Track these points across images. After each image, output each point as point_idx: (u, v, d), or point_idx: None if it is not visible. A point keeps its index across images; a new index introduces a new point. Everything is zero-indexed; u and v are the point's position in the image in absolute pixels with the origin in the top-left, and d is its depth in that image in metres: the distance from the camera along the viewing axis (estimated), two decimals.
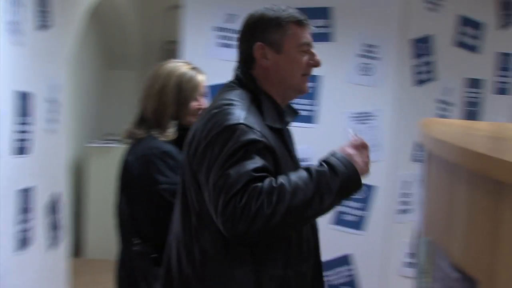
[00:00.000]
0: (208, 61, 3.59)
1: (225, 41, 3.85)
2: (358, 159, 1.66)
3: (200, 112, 2.27)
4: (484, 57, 4.33)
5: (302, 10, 3.89)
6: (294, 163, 1.86)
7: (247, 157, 1.59)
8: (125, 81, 7.07)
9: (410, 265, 3.65)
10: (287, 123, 1.98)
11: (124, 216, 2.41)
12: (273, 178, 1.59)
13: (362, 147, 1.70)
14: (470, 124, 1.90)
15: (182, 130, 2.29)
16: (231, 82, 1.90)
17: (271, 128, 1.77)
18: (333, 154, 1.67)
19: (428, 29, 3.96)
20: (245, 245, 1.66)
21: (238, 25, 2.01)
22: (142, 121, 2.44)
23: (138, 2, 7.01)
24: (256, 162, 1.59)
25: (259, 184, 1.56)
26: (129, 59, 7.13)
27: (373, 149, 1.98)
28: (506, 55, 4.48)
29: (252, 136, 1.63)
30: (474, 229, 1.22)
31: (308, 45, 1.87)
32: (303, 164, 1.92)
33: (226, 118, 1.68)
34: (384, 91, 3.80)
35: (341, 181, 1.60)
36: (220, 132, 1.65)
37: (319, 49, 1.96)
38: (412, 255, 3.57)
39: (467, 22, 4.18)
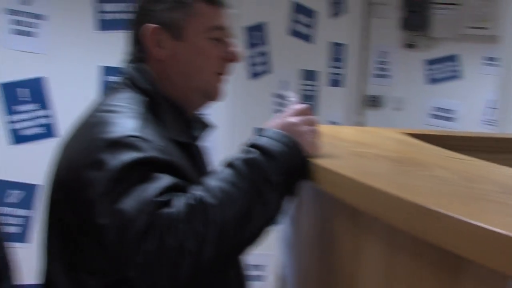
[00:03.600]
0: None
1: (21, 27, 3.14)
2: (300, 129, 1.14)
3: None
4: (317, 47, 4.09)
5: None
6: None
7: (144, 178, 1.08)
8: None
9: None
10: (195, 138, 1.46)
11: None
12: (186, 195, 1.06)
13: (304, 113, 1.18)
14: (341, 135, 1.51)
15: None
16: (117, 82, 1.38)
17: (177, 143, 1.26)
18: (261, 133, 1.15)
19: (261, 16, 3.59)
20: None
21: (36, 7, 1.38)
22: None
23: None
24: (159, 181, 1.08)
25: (169, 210, 1.04)
26: None
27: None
28: (338, 45, 4.29)
29: (149, 152, 1.12)
30: None
31: (222, 30, 1.37)
32: None
33: (110, 130, 1.16)
34: None
35: (281, 165, 1.08)
36: (101, 150, 1.13)
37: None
38: None
39: (300, 9, 3.90)
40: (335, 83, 4.32)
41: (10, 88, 3.18)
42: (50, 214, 1.32)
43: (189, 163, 1.28)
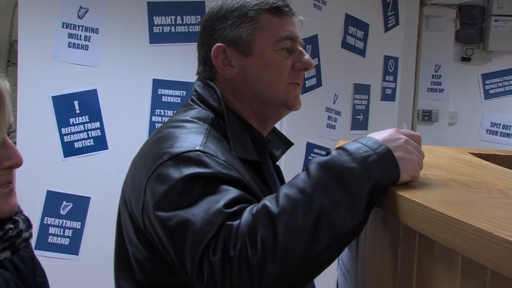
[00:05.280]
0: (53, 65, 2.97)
1: (74, 41, 3.18)
2: (402, 144, 1.00)
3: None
4: (370, 60, 4.00)
5: (175, 4, 3.49)
6: None
7: (212, 191, 1.06)
8: None
9: None
10: (272, 156, 1.47)
11: None
12: (252, 206, 1.03)
13: (413, 137, 1.04)
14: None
15: None
16: (190, 98, 1.38)
17: (243, 161, 1.23)
18: (358, 139, 1.05)
19: (313, 28, 3.53)
20: None
21: (89, 21, 1.39)
22: None
23: None
24: (228, 193, 1.06)
25: (236, 221, 1.00)
26: None
27: None
28: (391, 58, 4.20)
29: (214, 168, 1.10)
30: None
31: (292, 40, 1.32)
32: None
33: (175, 145, 1.16)
34: None
35: (363, 172, 0.96)
36: (165, 164, 1.12)
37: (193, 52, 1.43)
38: None
39: (353, 22, 3.83)
40: (387, 97, 4.22)
41: (63, 101, 3.21)
42: (118, 228, 1.33)
43: (257, 181, 1.24)
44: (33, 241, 3.40)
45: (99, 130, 3.25)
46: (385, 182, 0.97)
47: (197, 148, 1.13)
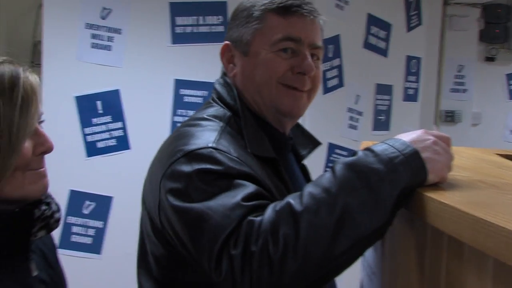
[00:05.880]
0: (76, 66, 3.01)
1: (97, 41, 3.19)
2: (430, 145, 0.98)
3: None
4: (392, 60, 3.96)
5: (194, 4, 3.50)
6: None
7: (226, 186, 1.07)
8: None
9: None
10: (298, 155, 1.48)
11: None
12: (276, 203, 1.02)
13: (441, 139, 1.02)
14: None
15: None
16: (210, 97, 1.40)
17: (258, 158, 1.23)
18: (385, 140, 1.03)
19: (335, 28, 3.51)
20: None
21: (112, 21, 1.41)
22: None
23: None
24: (245, 188, 1.07)
25: (257, 217, 1.00)
26: None
27: None
28: (413, 58, 4.15)
29: (225, 165, 1.11)
30: None
31: (295, 41, 1.29)
32: None
33: (189, 143, 1.17)
34: None
35: (389, 173, 0.94)
36: (179, 161, 1.14)
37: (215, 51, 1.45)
38: None
39: (375, 22, 3.80)
40: (410, 97, 4.18)
41: (86, 101, 3.23)
42: (140, 228, 1.35)
43: (273, 178, 1.24)
44: (56, 240, 3.42)
45: (121, 130, 3.26)
46: (412, 183, 0.95)
47: (210, 145, 1.14)
